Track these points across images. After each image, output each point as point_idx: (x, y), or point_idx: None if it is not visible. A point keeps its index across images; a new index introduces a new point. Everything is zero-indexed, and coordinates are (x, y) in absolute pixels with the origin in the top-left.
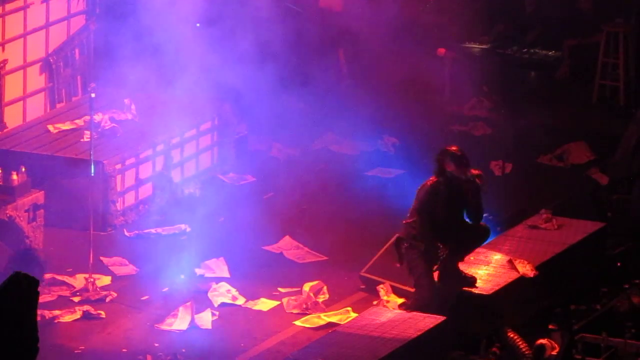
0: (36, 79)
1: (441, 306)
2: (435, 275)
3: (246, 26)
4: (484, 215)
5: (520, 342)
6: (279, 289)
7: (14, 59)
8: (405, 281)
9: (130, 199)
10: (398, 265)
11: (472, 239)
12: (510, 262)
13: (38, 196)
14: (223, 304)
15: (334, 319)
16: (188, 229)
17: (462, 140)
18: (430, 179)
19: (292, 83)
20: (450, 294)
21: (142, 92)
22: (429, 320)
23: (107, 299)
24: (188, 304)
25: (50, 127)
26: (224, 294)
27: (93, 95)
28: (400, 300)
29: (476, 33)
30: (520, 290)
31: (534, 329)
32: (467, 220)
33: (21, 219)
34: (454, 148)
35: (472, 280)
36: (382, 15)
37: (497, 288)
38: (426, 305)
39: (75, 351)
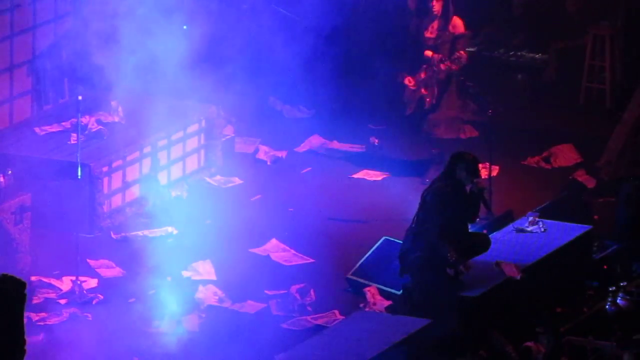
0: (23, 81)
1: (429, 309)
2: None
3: (234, 27)
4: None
5: (506, 345)
6: (266, 291)
7: (0, 61)
8: (392, 284)
9: (117, 201)
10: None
11: (476, 247)
12: (496, 264)
13: (25, 198)
14: (210, 306)
15: (320, 322)
16: (175, 232)
17: (449, 143)
18: (436, 181)
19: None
20: (440, 297)
21: (129, 94)
22: (415, 323)
23: (94, 302)
24: (175, 306)
25: (37, 130)
26: (210, 296)
27: (80, 97)
28: (387, 303)
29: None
30: (506, 293)
31: (520, 331)
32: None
33: (8, 221)
34: (469, 156)
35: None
36: (370, 14)
37: (483, 291)
38: (421, 311)
39: (62, 353)
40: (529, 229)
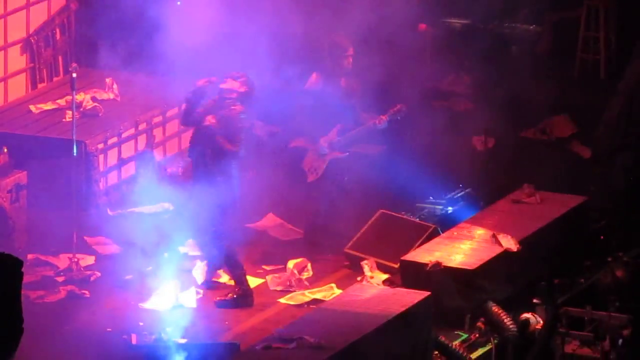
0: (17, 60)
1: (424, 281)
2: None
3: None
4: None
5: (504, 317)
6: (263, 266)
7: None
8: (390, 257)
9: (113, 178)
10: None
11: None
12: (493, 236)
13: (20, 177)
14: (207, 282)
15: (318, 296)
16: (171, 208)
17: (444, 115)
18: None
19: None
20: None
21: (124, 71)
22: (413, 296)
23: (91, 279)
24: (172, 282)
25: (32, 108)
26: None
27: (74, 75)
28: (385, 276)
29: (458, 8)
30: (504, 264)
31: (518, 303)
32: None
33: (4, 199)
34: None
35: None
36: None
37: (480, 263)
38: None
39: (60, 331)
40: (525, 200)
